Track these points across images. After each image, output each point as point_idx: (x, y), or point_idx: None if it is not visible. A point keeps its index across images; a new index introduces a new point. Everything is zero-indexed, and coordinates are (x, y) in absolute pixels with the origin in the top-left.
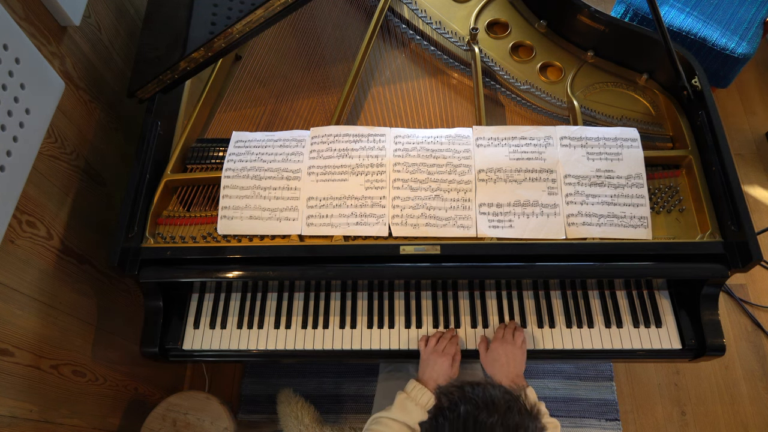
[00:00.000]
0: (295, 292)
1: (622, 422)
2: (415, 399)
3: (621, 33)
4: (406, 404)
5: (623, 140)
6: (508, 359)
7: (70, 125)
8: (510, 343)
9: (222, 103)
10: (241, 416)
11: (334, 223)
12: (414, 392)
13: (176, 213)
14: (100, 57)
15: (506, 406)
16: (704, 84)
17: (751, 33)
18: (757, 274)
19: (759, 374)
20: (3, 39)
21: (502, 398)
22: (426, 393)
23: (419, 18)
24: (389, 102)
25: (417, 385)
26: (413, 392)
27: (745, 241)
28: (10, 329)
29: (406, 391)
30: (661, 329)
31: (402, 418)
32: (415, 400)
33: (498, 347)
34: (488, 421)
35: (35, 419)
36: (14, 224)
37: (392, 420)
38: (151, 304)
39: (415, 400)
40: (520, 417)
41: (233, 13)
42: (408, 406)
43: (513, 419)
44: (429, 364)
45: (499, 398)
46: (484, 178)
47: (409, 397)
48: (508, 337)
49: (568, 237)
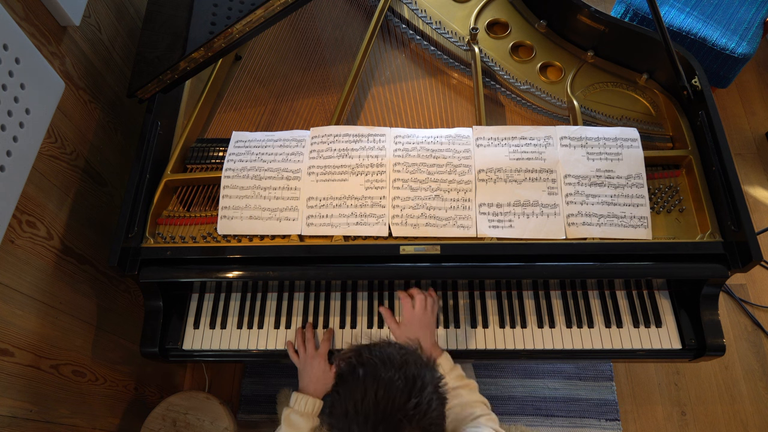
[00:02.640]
0: (295, 292)
1: (622, 422)
2: (300, 410)
3: (621, 33)
4: (292, 419)
5: (623, 140)
6: (423, 329)
7: (70, 125)
8: (421, 313)
9: (222, 103)
10: (241, 416)
11: (334, 223)
12: (297, 404)
13: (176, 213)
14: (100, 57)
15: (402, 359)
16: (704, 84)
17: (751, 33)
18: (757, 274)
19: (759, 374)
20: (3, 39)
21: (398, 353)
22: (309, 400)
23: (419, 18)
24: (389, 102)
25: (299, 396)
26: (297, 404)
27: (745, 241)
28: (10, 329)
29: (290, 406)
30: (661, 329)
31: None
32: (300, 412)
33: (412, 319)
34: (386, 376)
35: (35, 419)
36: (14, 224)
37: None
38: (151, 304)
39: (299, 411)
40: (417, 368)
41: (233, 13)
42: (295, 420)
43: (410, 371)
44: (305, 369)
45: (394, 354)
46: (484, 178)
47: (294, 411)
48: (419, 308)
49: (568, 237)
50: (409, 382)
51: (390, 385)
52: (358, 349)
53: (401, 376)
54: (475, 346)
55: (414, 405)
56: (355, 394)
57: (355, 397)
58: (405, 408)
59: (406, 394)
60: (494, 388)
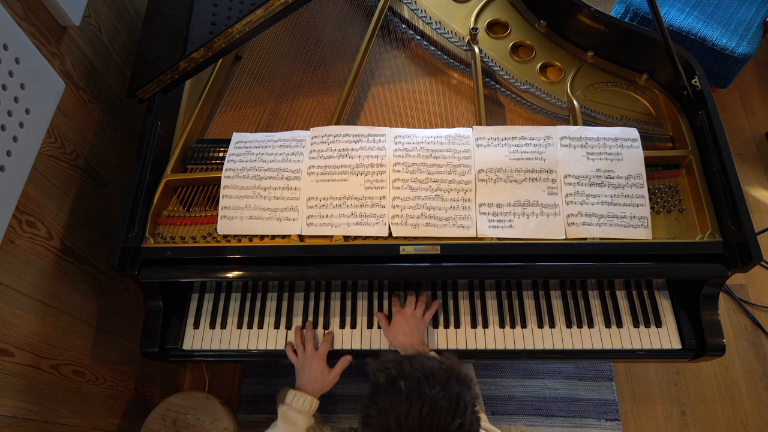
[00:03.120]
0: (295, 292)
1: (622, 422)
2: (297, 408)
3: (621, 33)
4: (289, 416)
5: (623, 140)
6: (412, 329)
7: (70, 125)
8: (410, 314)
9: (222, 103)
10: (241, 416)
11: (334, 223)
12: (295, 402)
13: (176, 213)
14: (100, 57)
15: (445, 376)
16: (704, 84)
17: (751, 33)
18: (757, 274)
19: (759, 374)
20: (3, 39)
21: (440, 369)
22: (307, 398)
23: (419, 18)
24: (389, 102)
25: (296, 393)
26: (294, 402)
27: (745, 241)
28: (10, 329)
29: (287, 403)
30: (661, 329)
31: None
32: (297, 409)
33: (401, 319)
34: (430, 393)
35: (35, 419)
36: (14, 224)
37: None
38: (151, 304)
39: (297, 409)
40: (459, 386)
41: (233, 13)
42: (292, 417)
43: (453, 389)
44: (304, 369)
45: (437, 370)
46: (484, 178)
47: (291, 408)
48: (408, 309)
49: (568, 237)
50: (453, 402)
51: (435, 404)
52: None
53: (445, 395)
54: (475, 346)
55: (458, 426)
56: (397, 408)
57: (397, 412)
58: (449, 428)
59: (451, 414)
60: (494, 388)
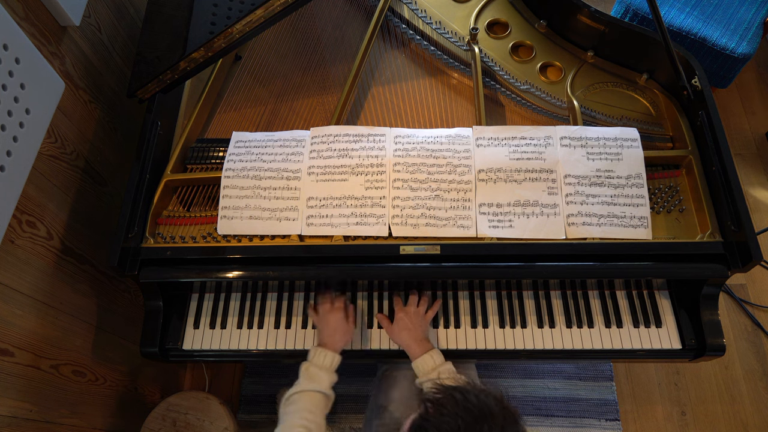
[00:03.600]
0: (295, 292)
1: (622, 422)
2: (318, 363)
3: (621, 33)
4: (310, 371)
5: (623, 140)
6: (415, 326)
7: (70, 125)
8: (413, 311)
9: (222, 103)
10: (241, 416)
11: (334, 223)
12: (316, 358)
13: (176, 213)
14: (100, 57)
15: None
16: (704, 84)
17: (751, 33)
18: (757, 274)
19: (759, 374)
20: (3, 39)
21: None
22: (328, 354)
23: (419, 18)
24: (389, 102)
25: (318, 349)
26: (315, 358)
27: (745, 241)
28: (10, 329)
29: (308, 359)
30: (661, 329)
31: (311, 387)
32: (318, 365)
33: (403, 317)
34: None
35: (35, 419)
36: (14, 224)
37: (302, 392)
38: (151, 304)
39: (317, 365)
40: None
41: (233, 13)
42: (314, 373)
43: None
44: (323, 324)
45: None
46: (484, 178)
47: (312, 364)
48: (410, 307)
49: (568, 237)
50: None
51: None
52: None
53: None
54: (475, 346)
55: None
56: None
57: None
58: None
59: None
60: None
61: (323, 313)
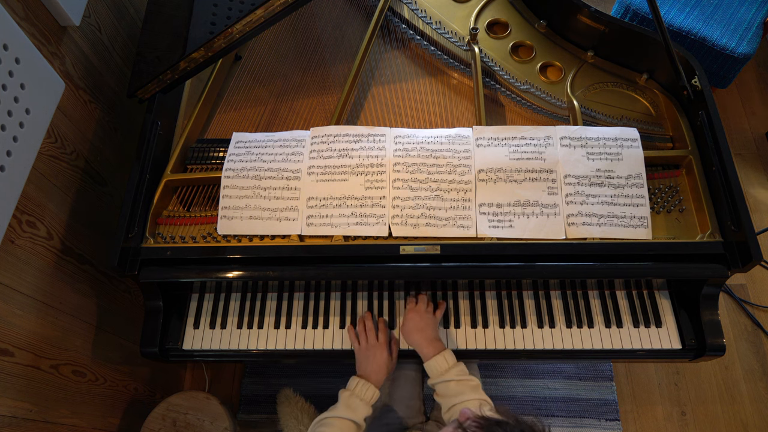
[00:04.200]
0: (295, 292)
1: (622, 422)
2: (360, 395)
3: (621, 33)
4: (351, 401)
5: (623, 140)
6: (426, 325)
7: (70, 125)
8: (423, 310)
9: (222, 103)
10: (241, 416)
11: (334, 223)
12: (358, 389)
13: (176, 213)
14: (100, 57)
15: None
16: (704, 84)
17: (751, 33)
18: (757, 274)
19: (759, 374)
20: (3, 39)
21: None
22: (370, 388)
23: (419, 18)
24: (389, 102)
25: (360, 381)
26: (357, 389)
27: (745, 241)
28: (10, 329)
29: (349, 388)
30: (661, 329)
31: (348, 416)
32: (360, 396)
33: (414, 316)
34: None
35: (35, 419)
36: (14, 224)
37: (338, 418)
38: (151, 304)
39: (359, 396)
40: None
41: (233, 13)
42: (353, 404)
43: None
44: (368, 358)
45: None
46: (484, 178)
47: (353, 394)
48: (421, 306)
49: (568, 237)
50: None
51: None
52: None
53: None
54: (475, 346)
55: None
56: None
57: None
58: None
59: None
60: (494, 388)
61: (369, 347)
